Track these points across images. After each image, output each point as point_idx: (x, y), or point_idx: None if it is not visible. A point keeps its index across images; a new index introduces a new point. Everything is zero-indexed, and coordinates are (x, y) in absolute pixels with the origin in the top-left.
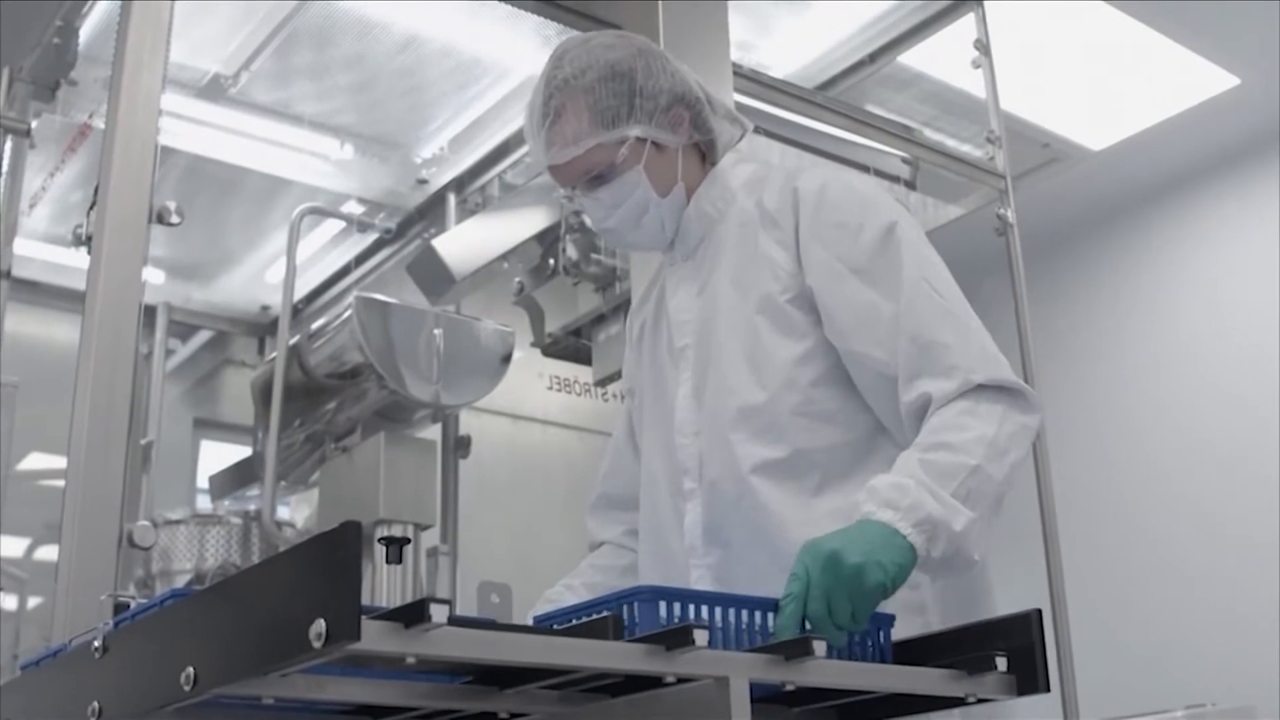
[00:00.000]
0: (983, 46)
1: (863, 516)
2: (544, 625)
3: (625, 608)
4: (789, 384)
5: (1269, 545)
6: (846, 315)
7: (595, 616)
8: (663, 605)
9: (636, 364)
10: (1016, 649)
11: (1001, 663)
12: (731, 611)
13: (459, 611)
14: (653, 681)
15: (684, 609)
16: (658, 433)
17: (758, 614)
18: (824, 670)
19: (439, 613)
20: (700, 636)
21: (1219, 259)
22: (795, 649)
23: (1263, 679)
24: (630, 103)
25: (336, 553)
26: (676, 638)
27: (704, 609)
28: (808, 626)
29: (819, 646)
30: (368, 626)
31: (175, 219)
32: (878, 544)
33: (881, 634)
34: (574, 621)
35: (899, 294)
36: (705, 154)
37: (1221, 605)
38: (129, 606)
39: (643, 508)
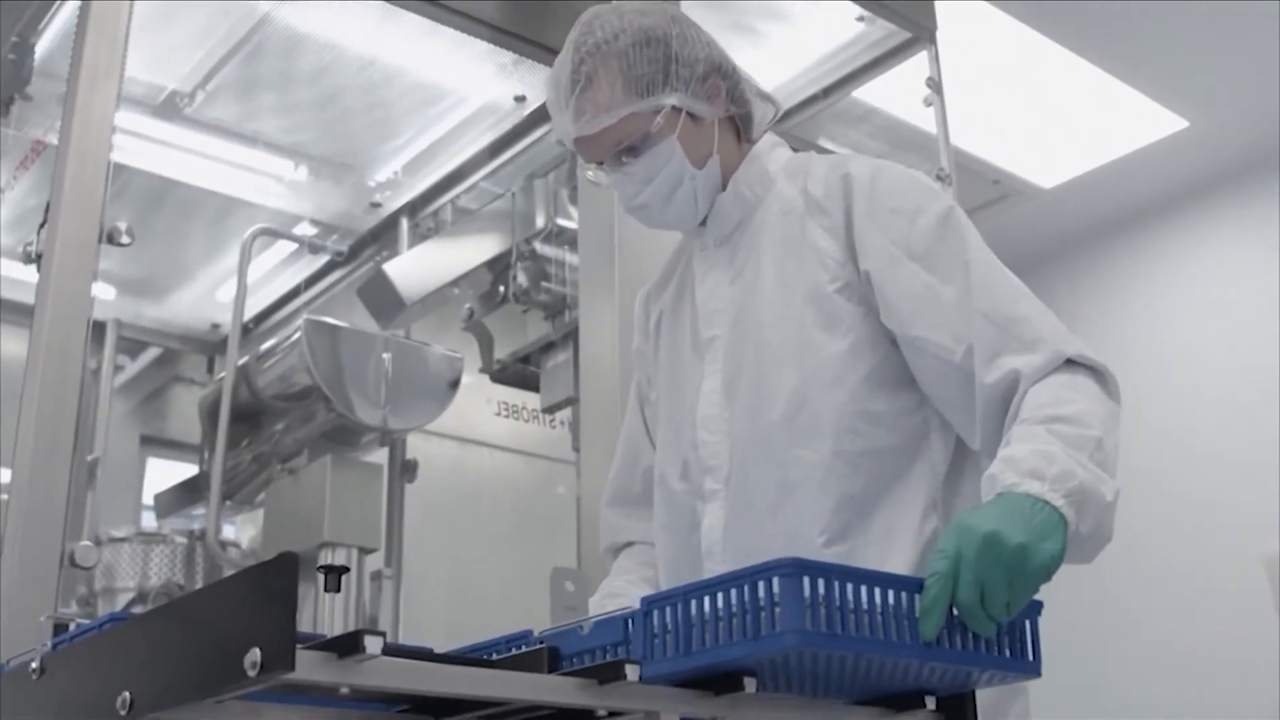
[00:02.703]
0: (935, 84)
1: (1004, 489)
2: (622, 615)
3: (763, 583)
4: (835, 382)
5: (1211, 582)
6: (905, 300)
7: (724, 592)
8: (806, 581)
9: (653, 355)
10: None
11: (930, 701)
12: (878, 591)
13: (413, 633)
14: (585, 714)
15: (829, 586)
16: (672, 427)
17: (904, 595)
18: (754, 705)
19: (373, 644)
20: (631, 671)
21: (1166, 299)
22: (725, 684)
23: (1207, 711)
24: (666, 70)
25: (273, 582)
26: (608, 671)
27: (849, 587)
28: (954, 612)
29: (750, 683)
30: (302, 656)
31: (126, 239)
32: (1034, 521)
33: (1029, 623)
34: (693, 602)
35: (966, 275)
36: (740, 130)
37: (1161, 641)
38: (68, 628)
39: (657, 507)
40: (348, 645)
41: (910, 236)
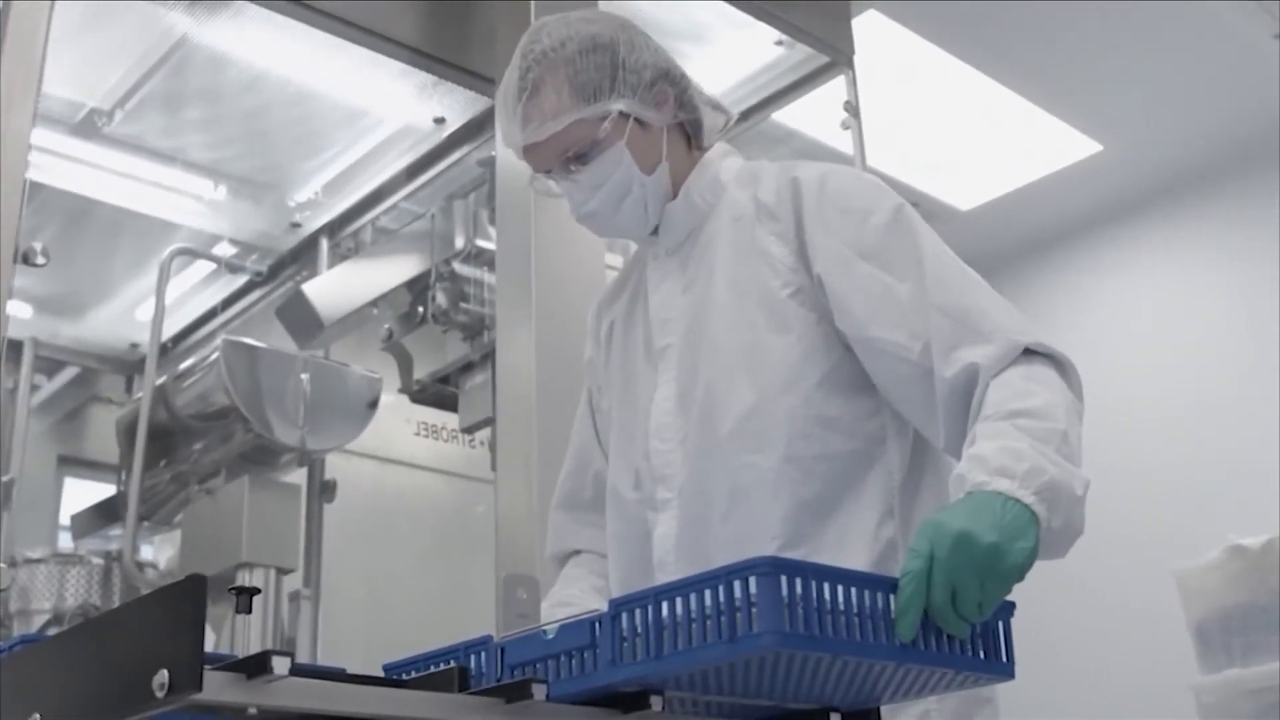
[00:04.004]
0: (852, 108)
1: (973, 488)
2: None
3: (739, 583)
4: (788, 386)
5: (1123, 597)
6: (860, 301)
7: (698, 593)
8: (784, 580)
9: (605, 365)
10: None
11: (836, 717)
12: (854, 591)
13: (331, 653)
14: None
15: (806, 585)
16: (625, 436)
17: (880, 595)
18: None
19: (280, 665)
20: (538, 690)
21: (1082, 320)
22: (632, 703)
23: None
24: (613, 76)
25: (182, 604)
26: (516, 691)
27: (825, 586)
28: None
29: (656, 701)
30: (210, 677)
31: (41, 260)
32: (1005, 519)
33: (1001, 624)
34: (664, 604)
35: (920, 271)
36: (690, 137)
37: (1073, 656)
38: None
39: (609, 518)
40: (256, 666)
41: (862, 236)
